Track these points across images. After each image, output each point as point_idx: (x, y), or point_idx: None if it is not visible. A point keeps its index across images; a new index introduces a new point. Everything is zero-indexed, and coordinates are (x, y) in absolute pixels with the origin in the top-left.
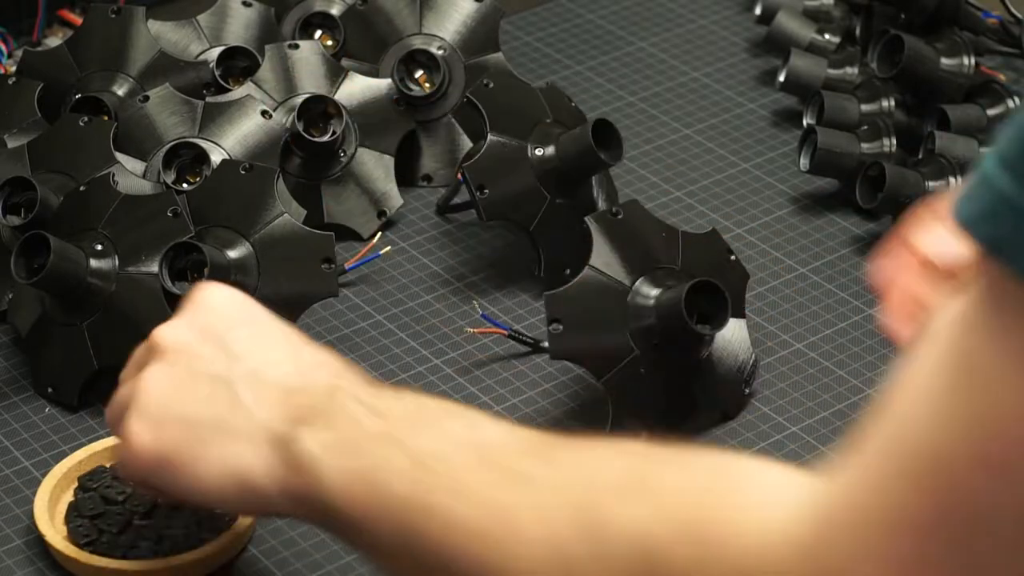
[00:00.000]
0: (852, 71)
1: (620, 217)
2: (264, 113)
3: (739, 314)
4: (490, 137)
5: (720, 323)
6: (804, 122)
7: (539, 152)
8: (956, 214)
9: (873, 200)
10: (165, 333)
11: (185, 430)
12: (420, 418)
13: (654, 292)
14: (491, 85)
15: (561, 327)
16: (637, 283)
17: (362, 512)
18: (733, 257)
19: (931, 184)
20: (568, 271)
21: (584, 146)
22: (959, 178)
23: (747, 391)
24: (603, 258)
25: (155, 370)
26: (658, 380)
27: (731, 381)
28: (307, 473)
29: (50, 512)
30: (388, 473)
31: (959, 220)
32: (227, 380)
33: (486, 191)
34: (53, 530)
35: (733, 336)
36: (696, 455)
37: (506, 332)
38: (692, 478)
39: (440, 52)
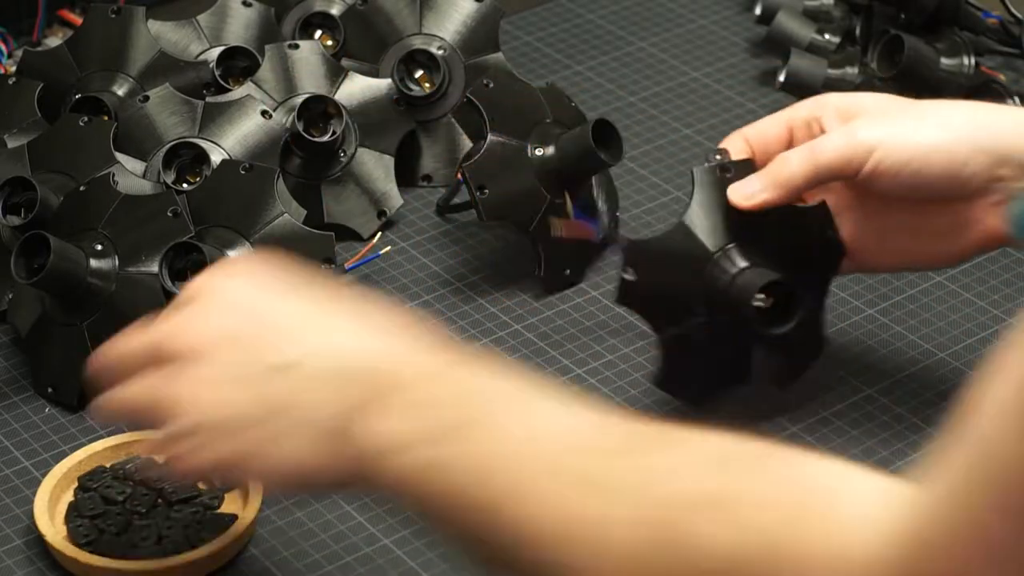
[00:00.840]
0: (852, 71)
1: (729, 175)
2: (264, 113)
3: (821, 297)
4: (490, 137)
5: (790, 322)
6: None
7: (539, 152)
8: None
9: None
10: (189, 333)
11: (243, 436)
12: (501, 402)
13: (740, 265)
14: (491, 85)
15: (635, 276)
16: (722, 252)
17: (431, 503)
18: (830, 233)
19: None
20: (568, 271)
21: (584, 146)
22: None
23: (803, 370)
24: (696, 216)
25: (191, 382)
26: (717, 349)
27: (793, 352)
28: (371, 465)
29: (50, 512)
30: (456, 471)
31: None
32: (270, 376)
33: (486, 191)
34: (53, 530)
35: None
36: (782, 462)
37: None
38: (776, 492)
39: (440, 52)
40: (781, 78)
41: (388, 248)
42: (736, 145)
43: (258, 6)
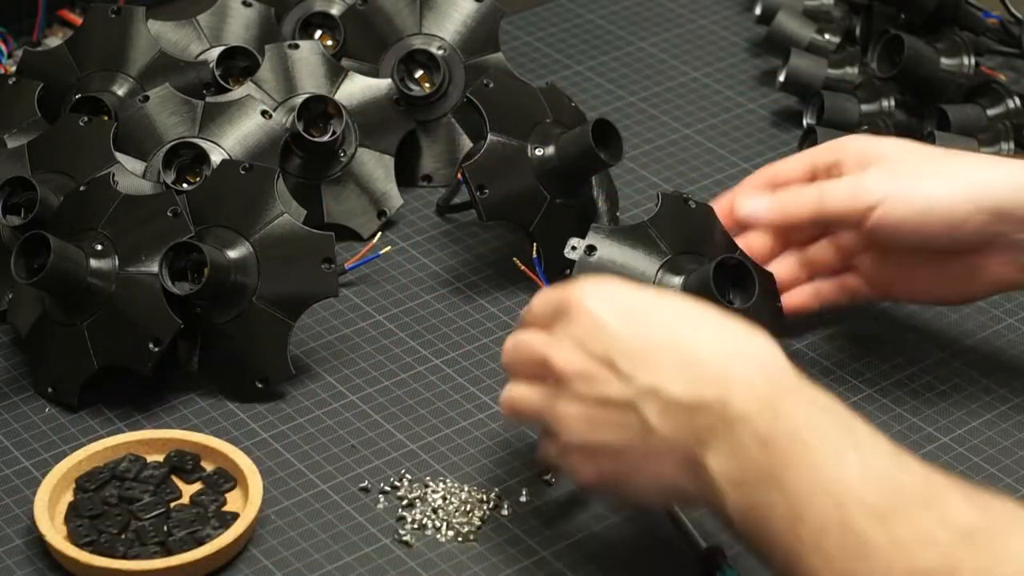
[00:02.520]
0: (852, 71)
1: (693, 207)
2: (264, 113)
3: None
4: (490, 137)
5: (749, 296)
6: (804, 122)
7: (539, 152)
8: None
9: None
10: (560, 359)
11: (615, 458)
12: (797, 451)
13: (676, 280)
14: (491, 85)
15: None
16: (660, 274)
17: (757, 545)
18: (777, 304)
19: None
20: (568, 271)
21: (584, 146)
22: None
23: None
24: (658, 225)
25: (566, 404)
26: None
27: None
28: (717, 499)
29: (50, 512)
30: (773, 518)
31: None
32: (630, 403)
33: (486, 191)
34: (53, 530)
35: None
36: (1003, 532)
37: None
38: (999, 570)
39: (440, 52)
40: (781, 78)
41: (388, 248)
42: (755, 183)
43: (258, 6)
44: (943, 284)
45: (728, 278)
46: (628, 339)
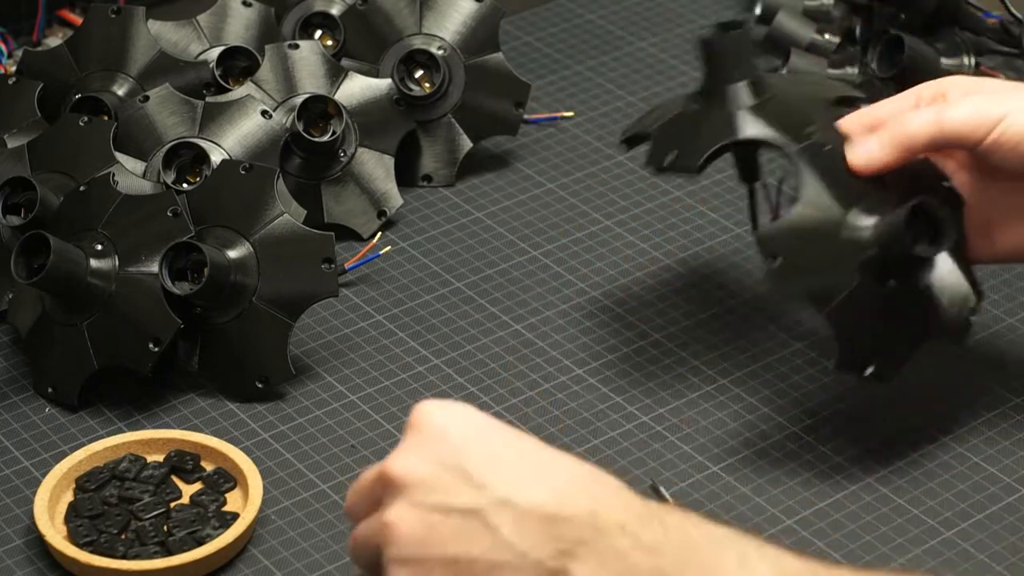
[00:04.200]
0: (852, 71)
1: (826, 149)
2: (264, 113)
3: (958, 242)
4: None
5: (943, 244)
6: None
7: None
8: None
9: None
10: (398, 467)
11: (454, 570)
12: (692, 556)
13: (872, 219)
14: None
15: (779, 260)
16: (852, 212)
17: None
18: (947, 184)
19: None
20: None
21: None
22: None
23: (972, 318)
24: (814, 190)
25: (400, 508)
26: (882, 309)
27: (956, 309)
28: None
29: (50, 512)
30: None
31: None
32: (479, 512)
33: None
34: (53, 530)
35: (950, 266)
36: None
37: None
38: None
39: (440, 52)
40: None
41: (388, 248)
42: (855, 122)
43: (258, 6)
44: None
45: (923, 224)
46: (481, 448)
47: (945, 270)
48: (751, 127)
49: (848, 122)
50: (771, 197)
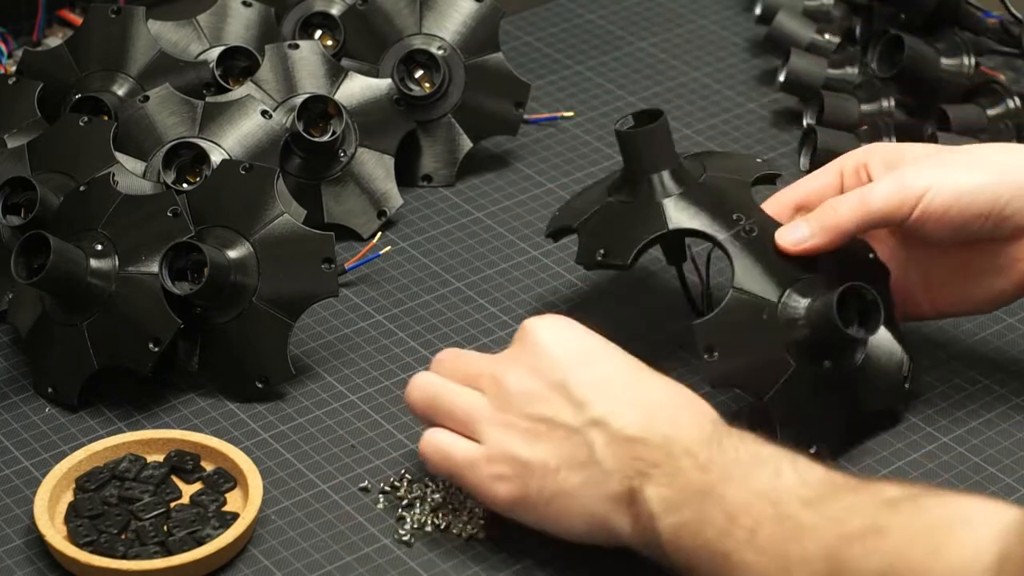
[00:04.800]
0: (852, 71)
1: (755, 235)
2: (264, 113)
3: (888, 313)
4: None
5: (875, 326)
6: (804, 122)
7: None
8: None
9: None
10: (509, 377)
11: (543, 479)
12: (736, 470)
13: (803, 302)
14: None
15: (716, 354)
16: (784, 296)
17: (686, 560)
18: (872, 256)
19: None
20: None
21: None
22: None
23: (907, 386)
24: (746, 276)
25: (507, 415)
26: (820, 390)
27: (891, 379)
28: (649, 526)
29: (50, 512)
30: (707, 527)
31: None
32: (577, 429)
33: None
34: (53, 530)
35: (883, 335)
36: (934, 499)
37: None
38: (920, 525)
39: (440, 52)
40: (781, 78)
41: (388, 248)
42: (781, 202)
43: (258, 6)
44: (971, 286)
45: (854, 305)
46: (582, 370)
47: (876, 342)
48: (680, 218)
49: (774, 203)
50: (700, 276)
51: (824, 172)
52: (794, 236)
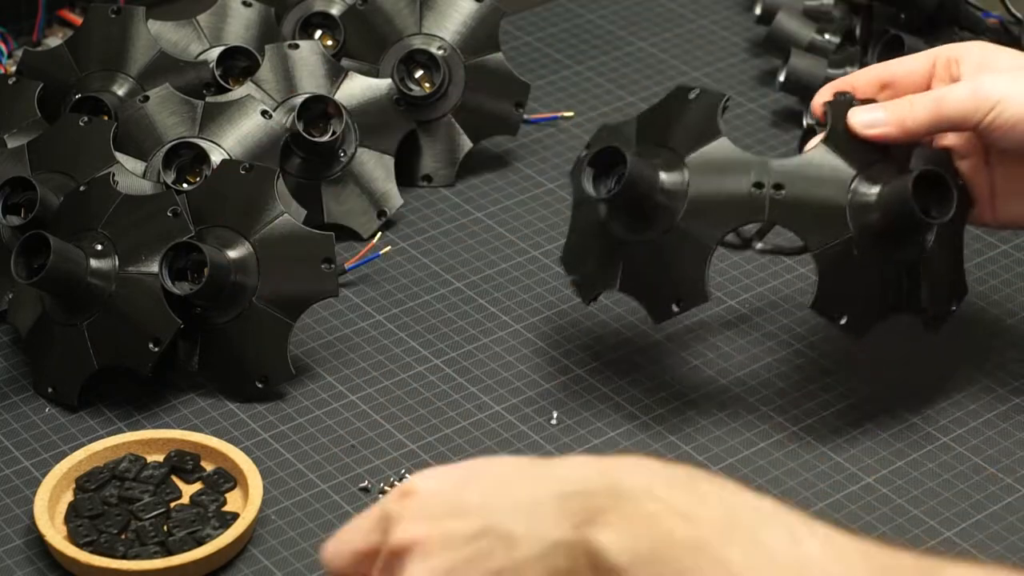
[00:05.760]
0: (852, 71)
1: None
2: (264, 113)
3: (956, 231)
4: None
5: (946, 211)
6: (804, 122)
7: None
8: None
9: None
10: (400, 537)
11: None
12: (733, 525)
13: (877, 186)
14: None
15: (784, 192)
16: (860, 177)
17: None
18: (947, 158)
19: None
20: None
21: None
22: None
23: (954, 309)
24: (836, 140)
25: (417, 567)
26: (872, 267)
27: (940, 294)
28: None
29: (50, 512)
30: None
31: None
32: (488, 528)
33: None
34: (53, 530)
35: (945, 253)
36: None
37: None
38: None
39: (440, 52)
40: (781, 78)
41: (388, 248)
42: (870, 76)
43: (258, 6)
44: None
45: (927, 189)
46: (469, 484)
47: (939, 257)
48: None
49: (863, 75)
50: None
51: (917, 58)
52: (866, 118)
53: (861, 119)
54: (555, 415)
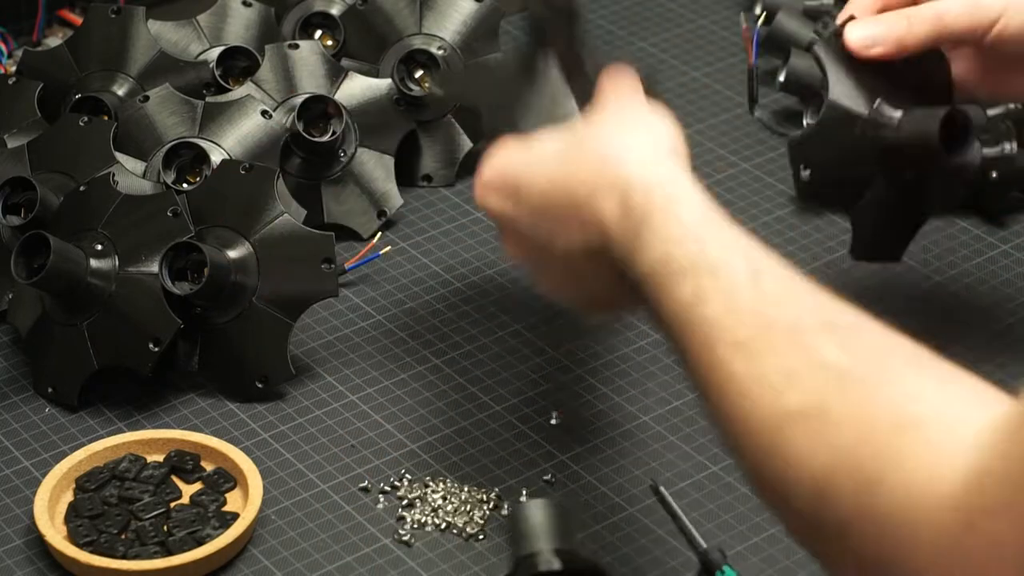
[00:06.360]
0: None
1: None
2: (264, 113)
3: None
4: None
5: (967, 148)
6: (804, 122)
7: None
8: None
9: None
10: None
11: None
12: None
13: (895, 116)
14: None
15: (809, 172)
16: (875, 108)
17: (661, 314)
18: (941, 60)
19: None
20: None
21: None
22: None
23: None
24: (841, 88)
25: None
26: (898, 197)
27: (953, 187)
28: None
29: (50, 512)
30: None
31: None
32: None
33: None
34: (53, 530)
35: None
36: (900, 373)
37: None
38: (878, 415)
39: (440, 52)
40: (781, 78)
41: (388, 248)
42: (864, 2)
43: (258, 6)
44: None
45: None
46: (520, 184)
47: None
48: None
49: (858, 2)
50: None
51: None
52: (861, 36)
53: (854, 36)
54: (555, 415)
